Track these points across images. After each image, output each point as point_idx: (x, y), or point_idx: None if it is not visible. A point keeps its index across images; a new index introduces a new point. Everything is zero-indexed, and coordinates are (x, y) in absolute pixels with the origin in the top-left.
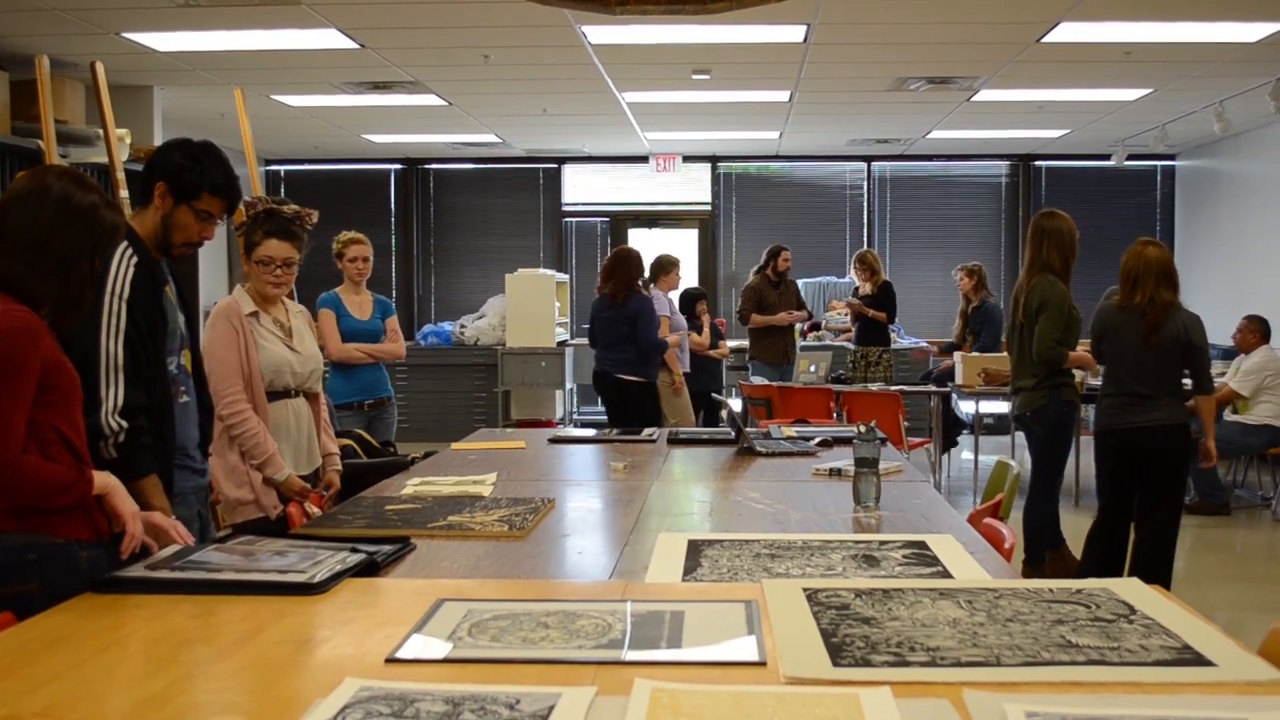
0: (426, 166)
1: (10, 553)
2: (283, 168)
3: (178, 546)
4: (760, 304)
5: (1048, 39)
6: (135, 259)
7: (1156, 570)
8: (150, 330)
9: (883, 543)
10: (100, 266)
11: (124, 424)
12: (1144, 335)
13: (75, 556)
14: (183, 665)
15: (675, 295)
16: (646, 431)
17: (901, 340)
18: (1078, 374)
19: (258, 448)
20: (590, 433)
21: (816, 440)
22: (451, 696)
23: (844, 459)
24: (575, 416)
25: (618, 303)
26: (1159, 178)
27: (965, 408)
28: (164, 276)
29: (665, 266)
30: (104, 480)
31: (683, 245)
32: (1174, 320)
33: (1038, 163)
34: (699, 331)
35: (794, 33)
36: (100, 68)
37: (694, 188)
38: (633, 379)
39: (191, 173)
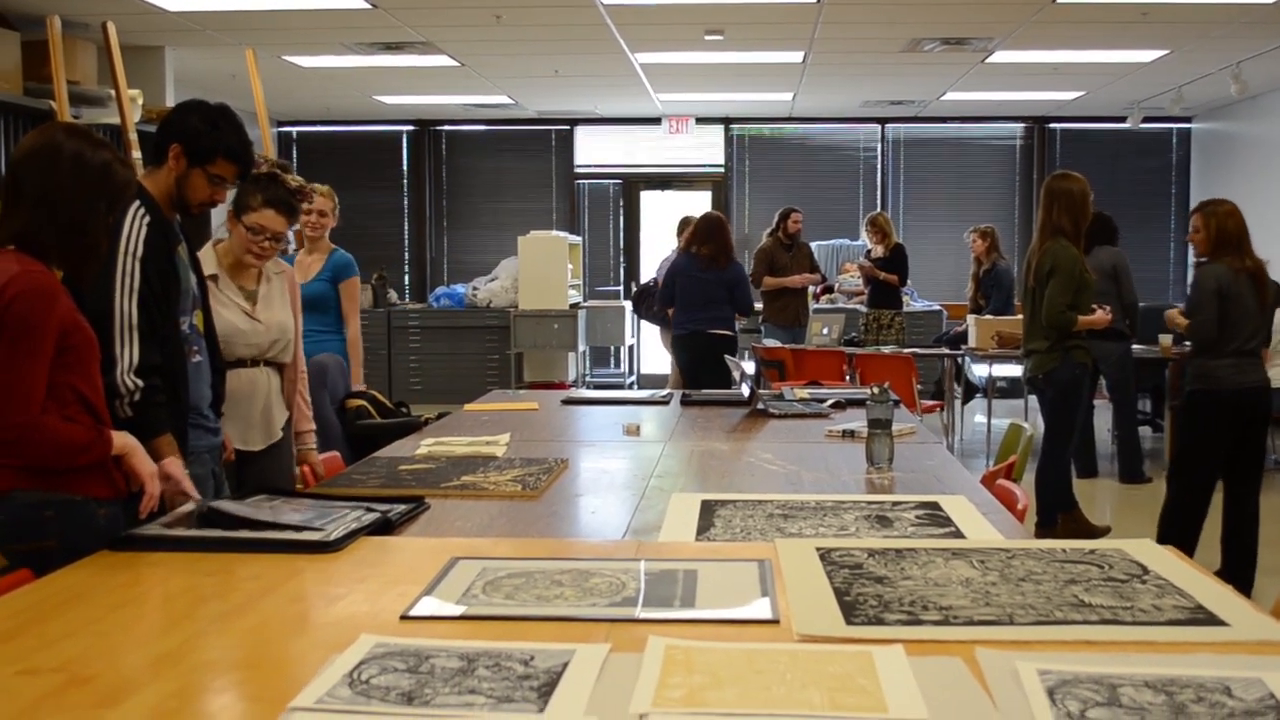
0: (438, 128)
1: (28, 510)
2: (294, 129)
3: (194, 505)
4: (772, 266)
5: None
6: (148, 218)
7: (1253, 532)
8: (163, 290)
9: (895, 503)
10: (115, 219)
11: (139, 383)
12: (1262, 298)
13: (93, 514)
14: (199, 622)
15: None
16: (660, 393)
17: (915, 303)
18: (1163, 339)
19: None
20: (603, 394)
21: (829, 402)
22: (466, 652)
23: (857, 420)
24: (588, 379)
25: (718, 266)
26: (1175, 140)
27: (979, 370)
28: (176, 236)
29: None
30: (123, 440)
31: (696, 208)
32: (1271, 282)
33: (1052, 125)
34: None
35: None
36: (112, 28)
37: (707, 150)
38: (727, 333)
39: (208, 137)
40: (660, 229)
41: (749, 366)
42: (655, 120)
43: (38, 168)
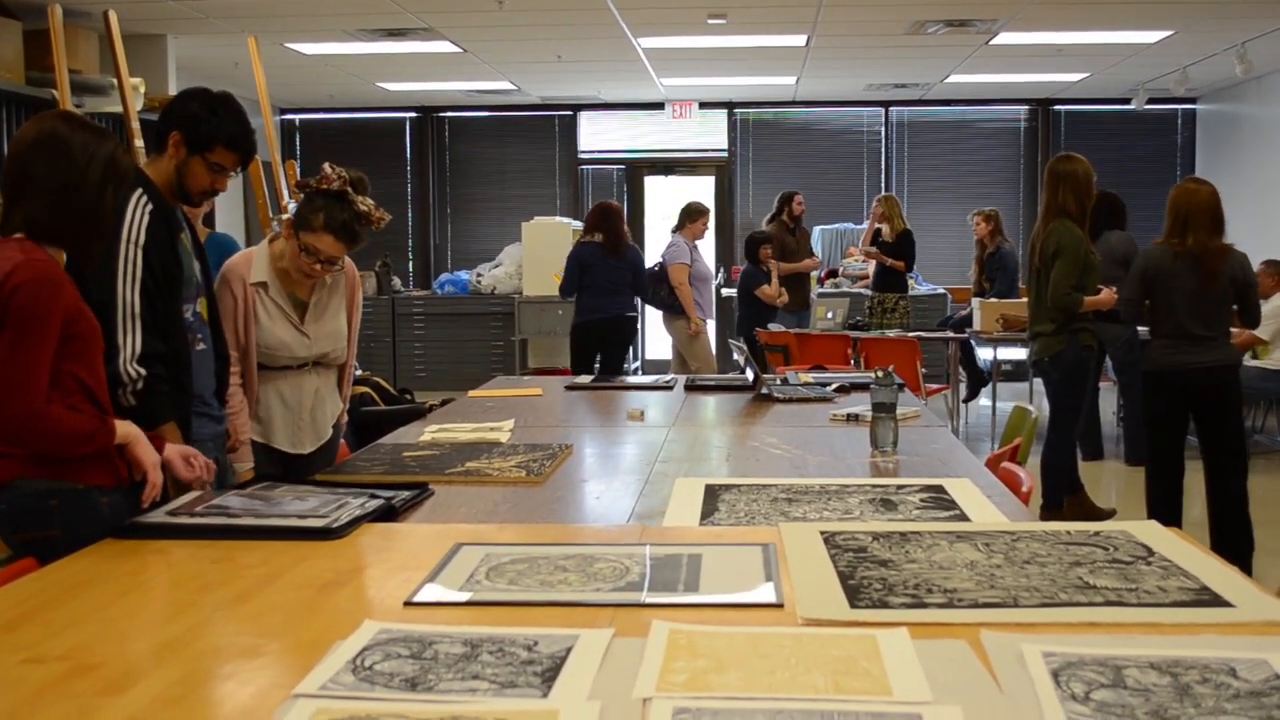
0: (441, 115)
1: (32, 499)
2: (297, 117)
3: (198, 492)
4: (782, 250)
5: None
6: (150, 206)
7: (1243, 527)
8: (166, 278)
9: (900, 487)
10: (118, 199)
11: (142, 371)
12: (1201, 281)
13: (96, 502)
14: (203, 609)
15: (701, 243)
16: (664, 378)
17: (919, 287)
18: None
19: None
20: (607, 380)
21: (834, 386)
22: (470, 638)
23: (861, 404)
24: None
25: (618, 254)
26: (1180, 121)
27: (984, 354)
28: (179, 224)
29: (692, 214)
30: (126, 429)
31: (699, 192)
32: (1228, 261)
33: (1057, 107)
34: (767, 280)
35: None
36: (113, 16)
37: (710, 135)
38: (633, 315)
39: (207, 124)
40: (664, 214)
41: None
42: (658, 105)
43: (48, 158)
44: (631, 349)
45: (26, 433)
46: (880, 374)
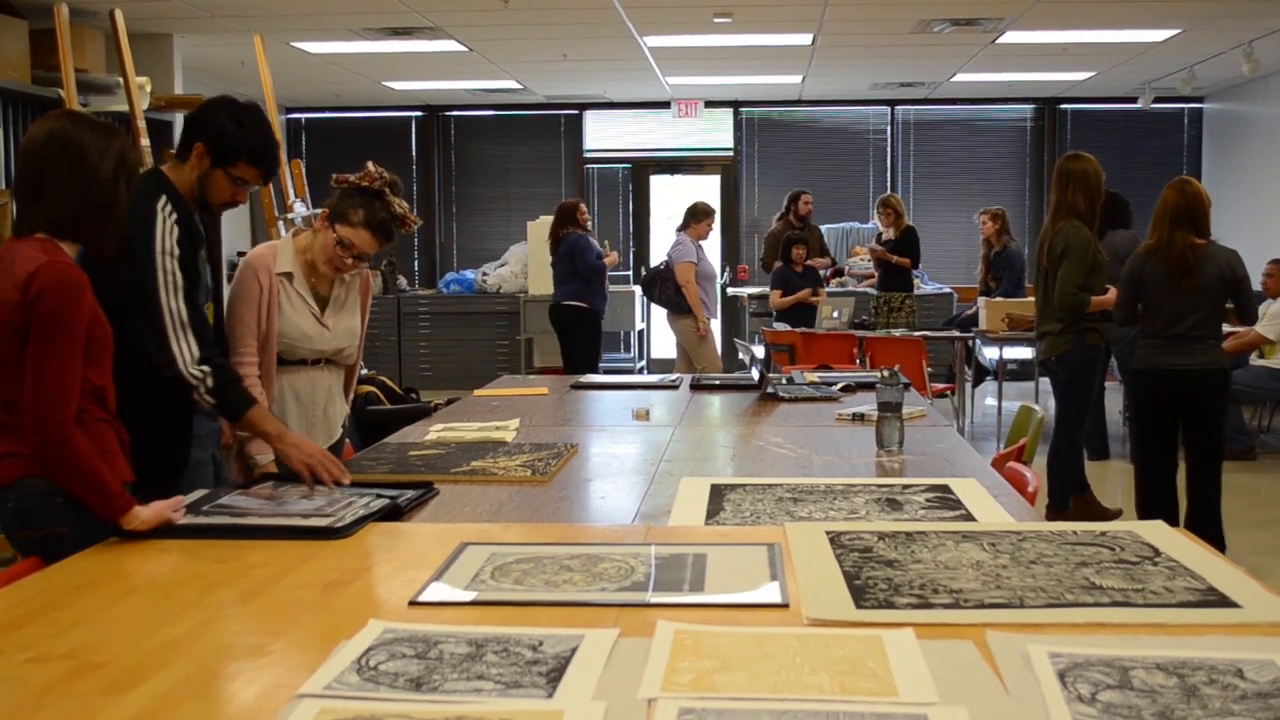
0: (447, 114)
1: (39, 497)
2: (303, 116)
3: (203, 492)
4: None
5: None
6: (174, 215)
7: (1208, 518)
8: (190, 287)
9: (906, 486)
10: (130, 192)
11: (206, 369)
12: (1173, 278)
13: None
14: (209, 608)
15: (706, 242)
16: (669, 377)
17: (925, 286)
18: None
19: None
20: (612, 379)
21: (839, 385)
22: (475, 638)
23: (867, 404)
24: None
25: (555, 250)
26: (1186, 120)
27: (989, 353)
28: (201, 237)
29: (698, 214)
30: (136, 516)
31: (705, 191)
32: (1211, 259)
33: (1063, 106)
34: (796, 277)
35: None
36: (119, 15)
37: (716, 133)
38: (576, 304)
39: (233, 139)
40: (670, 213)
41: (758, 350)
42: (664, 104)
43: (62, 155)
44: (602, 338)
45: (50, 442)
46: (886, 373)
